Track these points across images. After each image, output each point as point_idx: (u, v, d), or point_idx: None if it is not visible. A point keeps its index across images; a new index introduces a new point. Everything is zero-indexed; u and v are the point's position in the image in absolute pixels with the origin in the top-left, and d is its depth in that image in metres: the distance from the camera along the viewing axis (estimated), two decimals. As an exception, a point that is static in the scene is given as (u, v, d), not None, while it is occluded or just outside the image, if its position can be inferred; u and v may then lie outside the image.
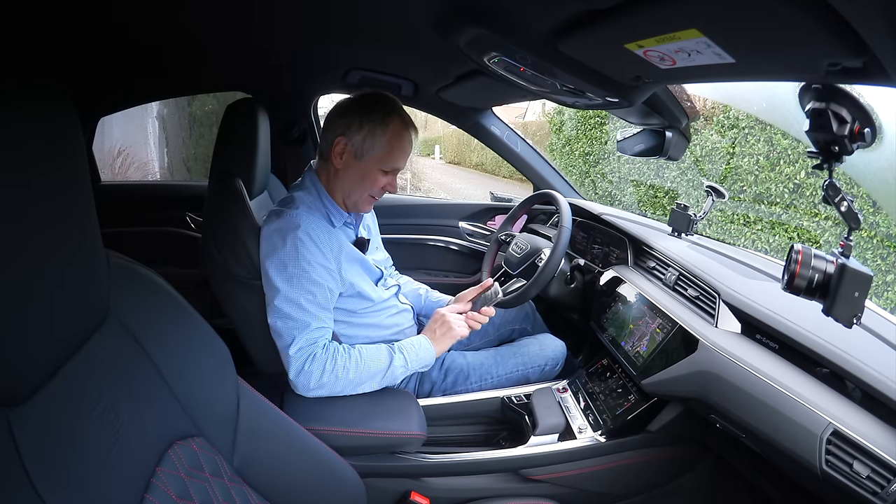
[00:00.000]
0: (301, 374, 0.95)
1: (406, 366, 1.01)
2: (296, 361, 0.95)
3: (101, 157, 3.48)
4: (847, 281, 0.59)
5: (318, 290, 0.97)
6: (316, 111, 1.74)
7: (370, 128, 0.99)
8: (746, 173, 3.77)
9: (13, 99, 0.37)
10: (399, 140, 1.01)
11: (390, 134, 1.00)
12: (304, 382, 0.95)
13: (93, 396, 0.46)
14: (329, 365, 0.95)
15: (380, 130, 0.99)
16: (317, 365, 0.95)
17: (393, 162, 1.02)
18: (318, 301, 0.97)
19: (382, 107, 1.01)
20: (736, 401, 0.81)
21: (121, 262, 0.54)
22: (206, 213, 1.09)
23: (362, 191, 1.03)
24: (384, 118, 0.99)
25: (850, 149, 0.59)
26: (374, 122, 0.99)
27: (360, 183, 1.03)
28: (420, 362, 1.03)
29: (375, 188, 1.04)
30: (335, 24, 1.03)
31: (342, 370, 0.96)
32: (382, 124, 0.99)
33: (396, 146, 1.01)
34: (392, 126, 1.00)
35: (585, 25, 0.59)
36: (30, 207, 0.38)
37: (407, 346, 1.04)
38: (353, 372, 0.97)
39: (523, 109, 9.20)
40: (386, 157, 1.01)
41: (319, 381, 0.95)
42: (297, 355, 0.95)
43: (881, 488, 0.62)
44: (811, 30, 0.41)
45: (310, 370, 0.94)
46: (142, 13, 0.95)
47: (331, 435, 0.89)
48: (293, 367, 0.95)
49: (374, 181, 1.02)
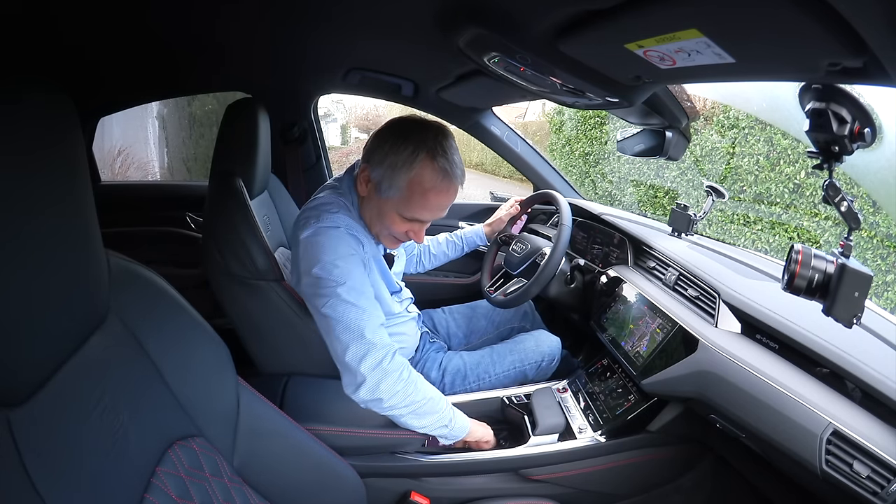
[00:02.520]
0: (377, 371, 0.83)
1: (449, 418, 0.94)
2: (374, 354, 0.83)
3: (101, 157, 3.48)
4: (847, 281, 0.59)
5: (367, 290, 0.88)
6: (316, 111, 1.74)
7: (392, 163, 0.84)
8: (746, 173, 3.77)
9: (13, 98, 0.36)
10: (422, 190, 0.84)
11: (412, 179, 0.84)
12: (378, 379, 0.84)
13: (93, 396, 0.46)
14: (406, 371, 0.86)
15: (402, 172, 0.83)
16: (397, 365, 0.85)
17: (412, 211, 0.87)
18: (371, 301, 0.88)
19: (416, 142, 0.84)
20: (736, 401, 0.81)
21: (121, 262, 0.54)
22: (207, 213, 1.09)
23: (381, 227, 0.93)
24: (412, 156, 0.83)
25: (850, 149, 0.59)
26: (399, 158, 0.83)
27: (379, 219, 0.91)
28: (458, 423, 0.96)
29: (395, 230, 0.91)
30: (335, 24, 1.03)
31: (417, 377, 0.88)
32: (407, 165, 0.83)
33: (417, 195, 0.85)
34: (417, 170, 0.83)
35: (585, 25, 0.59)
36: (29, 207, 0.38)
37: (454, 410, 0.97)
38: (422, 386, 0.89)
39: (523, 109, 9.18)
40: (403, 203, 0.86)
41: (396, 385, 0.85)
42: (378, 347, 0.83)
43: (881, 488, 0.62)
44: (811, 30, 0.41)
45: (390, 368, 0.84)
46: (142, 13, 0.95)
47: (331, 435, 0.89)
48: (369, 360, 0.83)
49: (392, 223, 0.89)
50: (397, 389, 0.86)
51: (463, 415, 1.00)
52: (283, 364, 1.07)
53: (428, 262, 1.46)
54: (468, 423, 1.00)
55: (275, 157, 1.27)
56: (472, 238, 1.47)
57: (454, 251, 1.47)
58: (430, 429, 0.94)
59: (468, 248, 1.48)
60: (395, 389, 0.85)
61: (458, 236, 1.48)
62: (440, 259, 1.47)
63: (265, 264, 0.99)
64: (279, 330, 1.03)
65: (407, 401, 0.87)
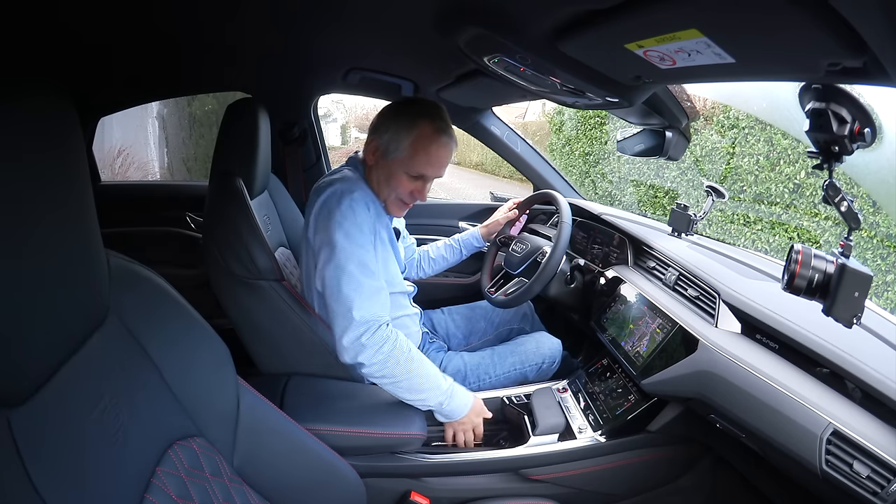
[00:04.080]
0: (355, 344, 0.90)
1: (449, 391, 0.97)
2: (355, 329, 0.90)
3: (101, 157, 3.48)
4: (847, 281, 0.59)
5: (370, 257, 0.96)
6: (316, 111, 1.74)
7: (396, 128, 0.99)
8: (746, 173, 3.77)
9: (13, 98, 0.36)
10: (424, 145, 0.99)
11: (415, 137, 0.98)
12: (356, 352, 0.91)
13: (93, 396, 0.46)
14: (388, 346, 0.91)
15: (405, 133, 0.98)
16: (377, 340, 0.91)
17: (416, 167, 1.00)
18: (375, 265, 0.96)
19: (415, 110, 1.00)
20: (736, 401, 0.81)
21: (121, 262, 0.54)
22: (207, 213, 1.09)
23: (389, 191, 1.03)
24: (412, 120, 0.98)
25: (850, 149, 0.59)
26: (401, 123, 0.99)
27: (387, 182, 1.02)
28: (457, 401, 0.99)
29: (402, 191, 1.02)
30: (335, 24, 1.03)
31: (402, 354, 0.93)
32: (408, 126, 0.98)
33: (420, 151, 0.99)
34: (419, 129, 0.98)
35: (585, 25, 0.59)
36: (29, 207, 0.38)
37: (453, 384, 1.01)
38: (406, 363, 0.93)
39: (523, 109, 9.19)
40: (408, 160, 0.99)
41: (373, 357, 0.91)
42: (358, 323, 0.90)
43: (881, 488, 0.62)
44: (811, 30, 0.41)
45: (367, 343, 0.90)
46: (142, 13, 0.95)
47: (331, 435, 0.89)
48: (350, 334, 0.90)
49: (399, 183, 1.01)
50: (375, 361, 0.92)
51: (464, 393, 1.01)
52: (284, 364, 1.07)
53: (428, 266, 1.46)
54: (469, 400, 1.01)
55: (275, 157, 1.27)
56: (469, 241, 1.48)
57: (453, 255, 1.48)
58: (421, 403, 0.98)
59: (466, 252, 1.49)
60: (374, 360, 0.92)
61: (455, 240, 1.49)
62: (439, 263, 1.47)
63: (265, 264, 0.99)
64: (279, 330, 1.04)
65: (384, 372, 0.93)
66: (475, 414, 1.02)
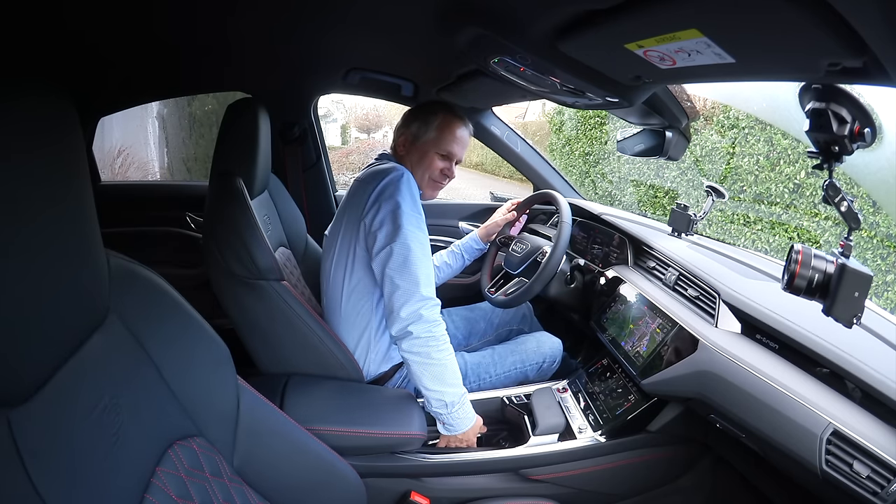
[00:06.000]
0: (414, 314, 0.97)
1: (464, 397, 1.01)
2: (418, 301, 0.97)
3: (101, 157, 3.48)
4: (847, 281, 0.59)
5: (428, 243, 1.04)
6: (316, 111, 1.74)
7: (423, 117, 1.16)
8: (746, 173, 3.77)
9: (13, 98, 0.36)
10: (448, 126, 1.15)
11: (439, 121, 1.15)
12: (411, 321, 0.97)
13: (93, 396, 0.46)
14: (439, 328, 0.99)
15: (431, 118, 1.15)
16: (433, 316, 0.98)
17: (445, 145, 1.15)
18: (427, 251, 1.03)
19: (436, 106, 1.19)
20: (736, 401, 0.81)
21: (121, 262, 0.54)
22: (207, 213, 1.09)
23: (422, 172, 1.15)
24: (433, 109, 1.17)
25: (850, 149, 0.59)
26: (427, 113, 1.17)
27: (420, 164, 1.15)
28: (463, 412, 1.01)
29: (434, 170, 1.16)
30: (335, 24, 1.03)
31: (444, 341, 1.00)
32: (432, 114, 1.16)
33: (446, 130, 1.15)
34: (440, 115, 1.16)
35: (585, 25, 0.59)
36: (29, 207, 0.38)
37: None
38: (444, 351, 1.00)
39: (523, 109, 9.19)
40: (438, 141, 1.15)
41: (423, 332, 0.97)
42: (423, 296, 0.98)
43: (881, 488, 0.62)
44: (811, 30, 0.41)
45: (425, 316, 0.98)
46: (144, 13, 0.95)
47: (331, 435, 0.89)
48: (412, 305, 0.97)
49: (431, 163, 1.15)
50: (422, 335, 0.98)
51: (471, 409, 1.03)
52: (284, 364, 1.07)
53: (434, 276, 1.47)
54: (474, 417, 1.03)
55: (275, 157, 1.27)
56: (469, 245, 1.50)
57: (456, 261, 1.50)
58: (436, 397, 0.99)
59: (469, 256, 1.50)
60: (422, 334, 0.98)
61: (456, 247, 1.51)
62: (444, 272, 1.48)
63: (266, 264, 0.99)
64: (280, 330, 1.04)
65: (426, 349, 0.98)
66: (473, 433, 1.03)
